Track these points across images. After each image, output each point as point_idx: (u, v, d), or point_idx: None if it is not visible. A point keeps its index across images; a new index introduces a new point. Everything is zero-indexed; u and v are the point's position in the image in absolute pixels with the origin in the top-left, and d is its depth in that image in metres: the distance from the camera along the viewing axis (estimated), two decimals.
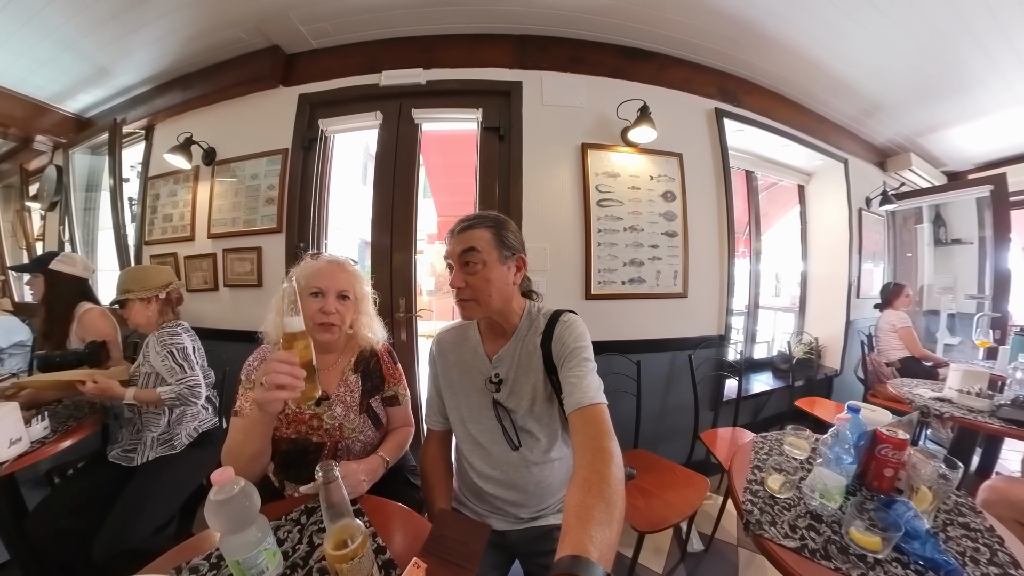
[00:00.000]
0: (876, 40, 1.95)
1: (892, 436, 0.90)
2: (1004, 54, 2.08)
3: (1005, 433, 1.40)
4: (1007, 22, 1.82)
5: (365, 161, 6.56)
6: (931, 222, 3.51)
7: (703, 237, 2.12)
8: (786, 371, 2.54)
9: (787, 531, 0.77)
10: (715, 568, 1.50)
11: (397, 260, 1.90)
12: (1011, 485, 1.17)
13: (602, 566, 0.40)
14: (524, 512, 0.89)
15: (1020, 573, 0.67)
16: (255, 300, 1.93)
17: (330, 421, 0.93)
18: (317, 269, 0.93)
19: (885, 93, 2.48)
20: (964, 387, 1.57)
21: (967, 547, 0.74)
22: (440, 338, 0.98)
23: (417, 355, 1.97)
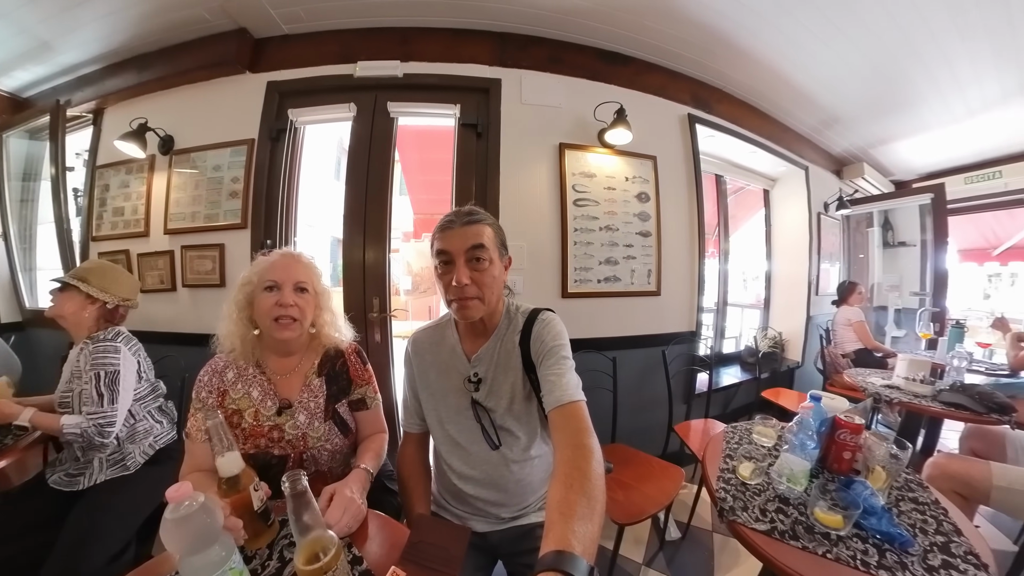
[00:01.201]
0: (835, 57, 2.09)
1: (849, 421, 0.95)
2: (945, 77, 2.29)
3: (945, 415, 1.54)
4: (948, 48, 2.01)
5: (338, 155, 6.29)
6: (880, 226, 3.81)
7: (675, 237, 2.19)
8: (753, 364, 2.69)
9: (758, 515, 0.80)
10: (692, 554, 1.56)
11: (371, 258, 1.84)
12: (950, 461, 1.29)
13: (585, 559, 0.40)
14: (505, 512, 0.88)
15: (962, 539, 0.73)
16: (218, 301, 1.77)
17: (292, 431, 0.86)
18: (270, 263, 0.87)
19: (842, 106, 2.67)
20: (910, 375, 1.70)
21: (917, 519, 0.80)
22: (416, 338, 0.95)
23: (392, 356, 1.91)
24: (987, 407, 1.44)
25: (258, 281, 0.85)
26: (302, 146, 1.95)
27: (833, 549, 0.71)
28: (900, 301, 3.54)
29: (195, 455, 0.82)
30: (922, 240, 3.40)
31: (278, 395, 0.88)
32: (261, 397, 0.87)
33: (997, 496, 1.16)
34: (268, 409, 0.86)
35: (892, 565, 0.67)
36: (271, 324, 0.83)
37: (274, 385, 0.88)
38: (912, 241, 3.62)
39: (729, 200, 3.18)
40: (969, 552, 0.70)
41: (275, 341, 0.87)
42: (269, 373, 0.89)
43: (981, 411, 1.44)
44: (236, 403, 0.86)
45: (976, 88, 2.42)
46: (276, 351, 0.91)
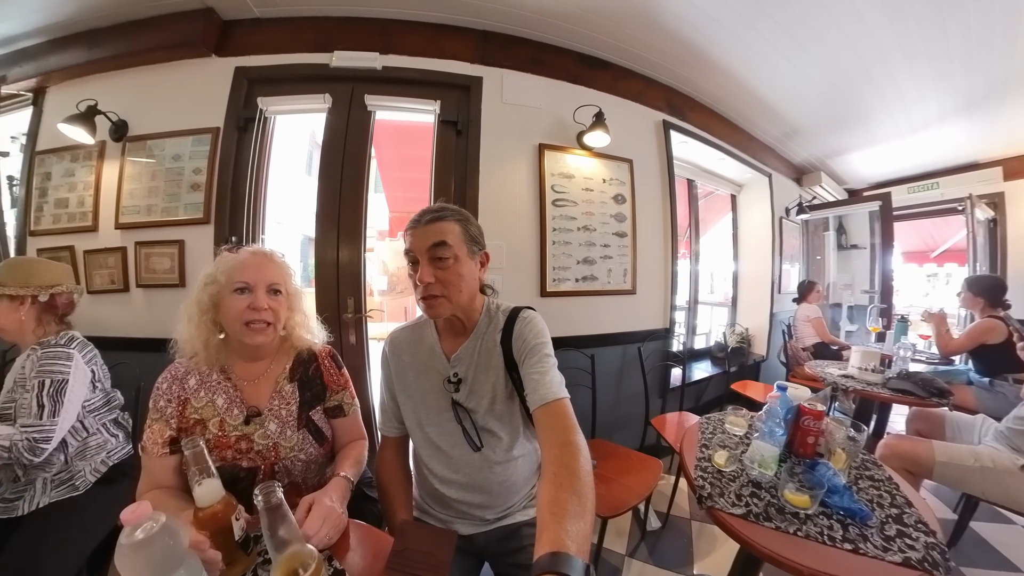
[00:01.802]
0: (797, 73, 2.25)
1: (812, 409, 1.01)
2: (893, 96, 2.52)
3: (893, 400, 1.70)
4: (896, 71, 2.21)
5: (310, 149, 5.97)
6: (835, 230, 4.10)
7: (650, 238, 2.26)
8: (722, 359, 2.81)
9: (734, 500, 0.84)
10: (672, 542, 1.61)
11: (345, 257, 1.77)
12: (899, 441, 1.44)
13: (580, 558, 0.40)
14: (490, 513, 0.86)
15: (912, 511, 0.81)
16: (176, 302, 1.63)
17: (262, 441, 0.80)
18: (240, 262, 0.80)
19: (802, 119, 2.87)
20: (862, 365, 1.87)
21: (874, 495, 0.88)
22: (394, 338, 0.92)
23: (368, 359, 1.86)
24: (929, 392, 1.60)
25: (226, 281, 0.78)
26: (272, 137, 1.85)
27: (803, 527, 0.75)
28: (852, 299, 3.84)
29: (154, 472, 0.75)
30: (871, 243, 3.70)
31: (245, 403, 0.82)
32: (227, 405, 0.81)
33: (939, 471, 1.31)
34: (235, 418, 0.80)
35: (855, 538, 0.72)
36: (242, 329, 0.77)
37: (241, 392, 0.83)
38: (863, 244, 3.93)
39: (699, 204, 3.33)
40: (919, 521, 0.77)
41: (243, 345, 0.81)
42: (235, 379, 0.83)
43: (924, 396, 1.60)
44: (199, 412, 0.79)
45: (919, 108, 2.67)
46: (244, 355, 0.85)
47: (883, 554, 0.68)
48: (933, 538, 0.72)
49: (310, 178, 5.82)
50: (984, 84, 2.35)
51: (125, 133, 1.79)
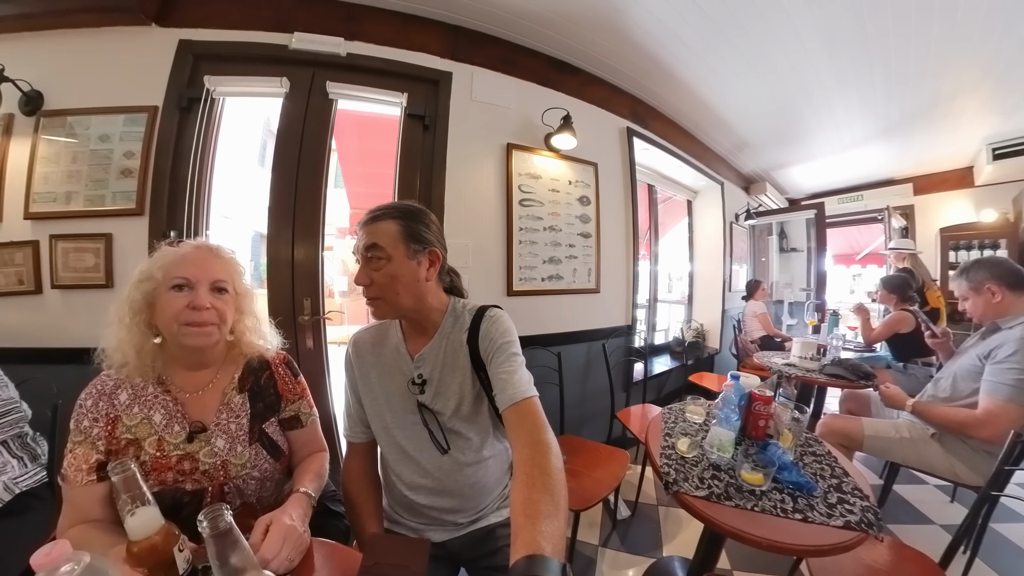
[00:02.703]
0: (748, 92, 2.48)
1: (762, 395, 1.10)
2: (827, 119, 2.87)
3: (829, 384, 1.92)
4: (831, 96, 2.53)
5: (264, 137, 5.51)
6: (778, 235, 4.49)
7: (613, 239, 2.34)
8: (680, 353, 3.02)
9: (697, 483, 0.88)
10: (642, 528, 1.67)
11: (301, 256, 1.66)
12: (834, 420, 1.63)
13: (556, 558, 0.40)
14: (462, 517, 0.84)
15: (849, 480, 0.91)
16: (103, 306, 1.41)
17: (209, 459, 0.73)
18: (180, 256, 0.73)
19: (751, 134, 3.16)
20: (802, 354, 2.09)
21: (816, 469, 0.97)
22: (357, 339, 0.89)
23: (327, 365, 1.75)
24: (857, 376, 1.84)
25: (163, 277, 0.70)
26: (220, 121, 1.68)
27: (759, 503, 0.81)
28: (792, 296, 4.25)
29: (78, 504, 0.65)
30: (808, 247, 4.11)
31: (188, 417, 0.74)
32: (166, 421, 0.72)
33: (868, 443, 1.50)
34: (175, 435, 0.72)
35: (803, 508, 0.79)
36: (180, 330, 0.69)
37: (183, 406, 0.74)
38: (800, 247, 4.35)
39: (659, 208, 3.52)
40: (855, 488, 0.86)
41: (184, 351, 0.73)
42: (175, 391, 0.75)
43: (853, 379, 1.83)
44: (132, 431, 0.70)
45: (848, 130, 3.05)
46: (185, 364, 0.76)
47: (828, 520, 0.75)
48: (867, 502, 0.81)
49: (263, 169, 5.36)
50: (900, 113, 2.74)
51: (40, 106, 1.53)
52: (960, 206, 3.80)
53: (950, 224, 3.76)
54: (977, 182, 3.65)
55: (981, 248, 3.53)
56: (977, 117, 2.85)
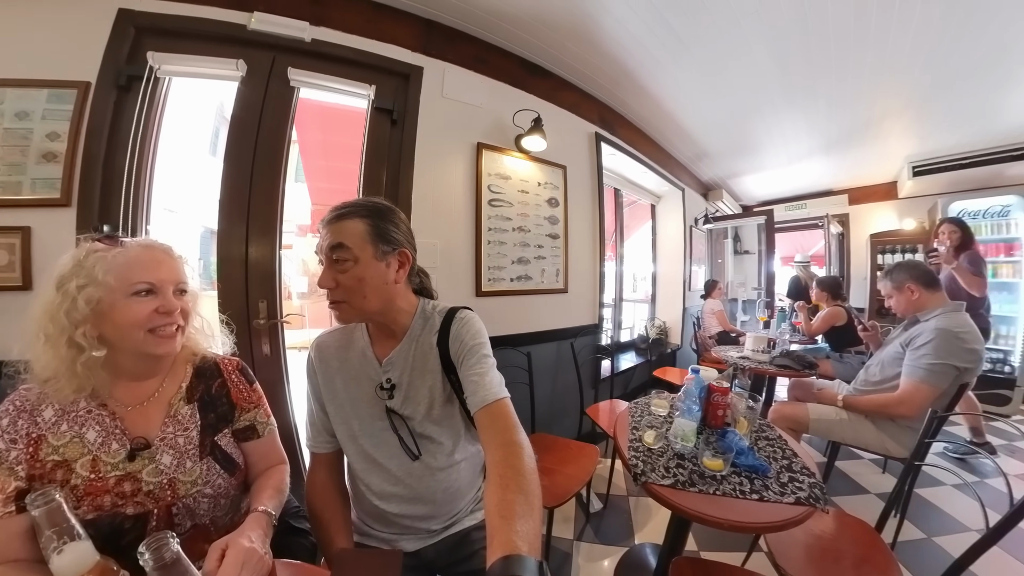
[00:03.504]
0: (708, 105, 2.65)
1: (719, 386, 1.17)
2: (777, 134, 3.15)
3: (778, 374, 2.12)
4: (781, 114, 2.78)
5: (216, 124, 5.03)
6: (732, 238, 4.81)
7: (580, 240, 2.39)
8: (645, 349, 3.14)
9: (663, 473, 0.92)
10: (614, 519, 1.72)
11: (256, 254, 1.54)
12: (784, 407, 1.78)
13: (532, 556, 0.41)
14: (436, 524, 0.82)
15: (798, 460, 0.99)
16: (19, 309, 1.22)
17: (153, 479, 0.66)
18: (134, 258, 0.66)
19: (710, 144, 3.39)
20: (754, 348, 2.28)
21: (770, 452, 1.05)
22: (320, 343, 0.85)
23: (286, 371, 1.64)
24: (802, 365, 2.05)
25: (119, 283, 0.63)
26: (164, 103, 1.52)
27: (720, 487, 0.86)
28: (745, 294, 4.58)
29: None
30: (759, 250, 4.45)
31: (128, 433, 0.67)
32: (102, 439, 0.65)
33: (813, 426, 1.67)
34: (114, 454, 0.65)
35: (759, 488, 0.85)
36: (146, 338, 0.64)
37: (122, 421, 0.67)
38: (752, 250, 4.70)
39: (624, 211, 3.65)
40: (803, 468, 0.94)
41: (137, 360, 0.68)
42: (114, 405, 0.68)
43: (798, 368, 2.04)
44: (60, 452, 0.62)
45: (795, 144, 3.36)
46: (133, 374, 0.70)
47: (781, 498, 0.81)
48: (814, 479, 0.89)
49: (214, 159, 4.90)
50: (838, 132, 3.06)
51: None
52: (886, 216, 4.27)
53: (878, 231, 4.20)
54: (900, 195, 4.12)
55: (903, 252, 3.96)
56: (901, 139, 3.24)
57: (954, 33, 1.82)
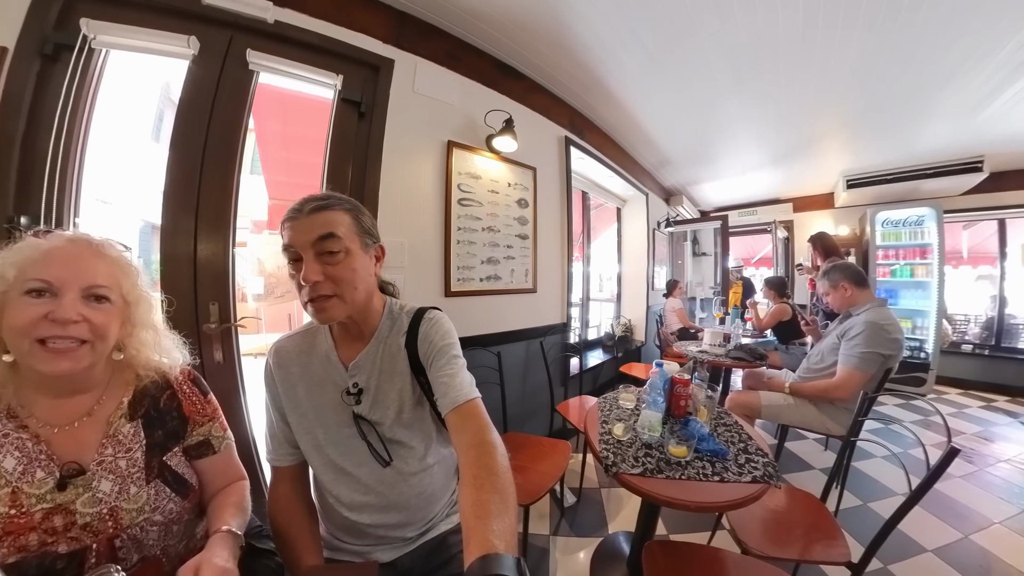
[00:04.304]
0: (672, 116, 2.82)
1: (681, 379, 1.24)
2: (732, 146, 3.41)
3: (733, 365, 2.29)
4: (737, 128, 3.01)
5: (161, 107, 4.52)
6: (691, 241, 5.11)
7: (549, 241, 2.43)
8: (611, 346, 3.28)
9: (633, 463, 0.96)
10: (589, 511, 1.76)
11: (206, 252, 1.41)
12: (738, 395, 1.92)
13: (509, 554, 0.41)
14: (411, 531, 0.79)
15: (753, 443, 1.07)
16: None
17: (90, 509, 0.58)
18: (44, 252, 0.57)
19: (672, 153, 3.59)
20: (712, 342, 2.46)
21: (728, 437, 1.12)
22: (279, 348, 0.79)
23: (241, 379, 1.51)
24: (753, 357, 2.24)
25: (16, 277, 0.54)
26: (99, 79, 1.34)
27: (685, 472, 0.91)
28: (702, 293, 4.90)
29: None
30: (715, 252, 4.78)
31: (57, 459, 0.58)
32: (23, 467, 0.56)
33: (765, 412, 1.83)
34: (39, 484, 0.56)
35: (720, 471, 0.92)
36: (32, 349, 0.53)
37: (48, 444, 0.58)
38: (709, 252, 5.02)
39: (591, 214, 3.77)
40: (758, 449, 1.03)
41: (41, 375, 0.57)
42: (36, 426, 0.58)
43: (751, 360, 2.23)
44: None
45: (748, 157, 3.67)
46: (49, 390, 0.60)
47: (739, 478, 0.88)
48: (767, 459, 0.97)
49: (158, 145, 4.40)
50: (785, 147, 3.39)
51: None
52: (825, 222, 4.73)
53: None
54: (836, 204, 4.61)
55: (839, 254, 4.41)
56: (838, 155, 3.63)
57: (882, 68, 2.08)
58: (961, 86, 2.27)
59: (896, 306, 3.70)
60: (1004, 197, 3.67)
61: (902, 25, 1.73)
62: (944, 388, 3.77)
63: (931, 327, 3.61)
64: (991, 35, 1.79)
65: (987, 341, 3.93)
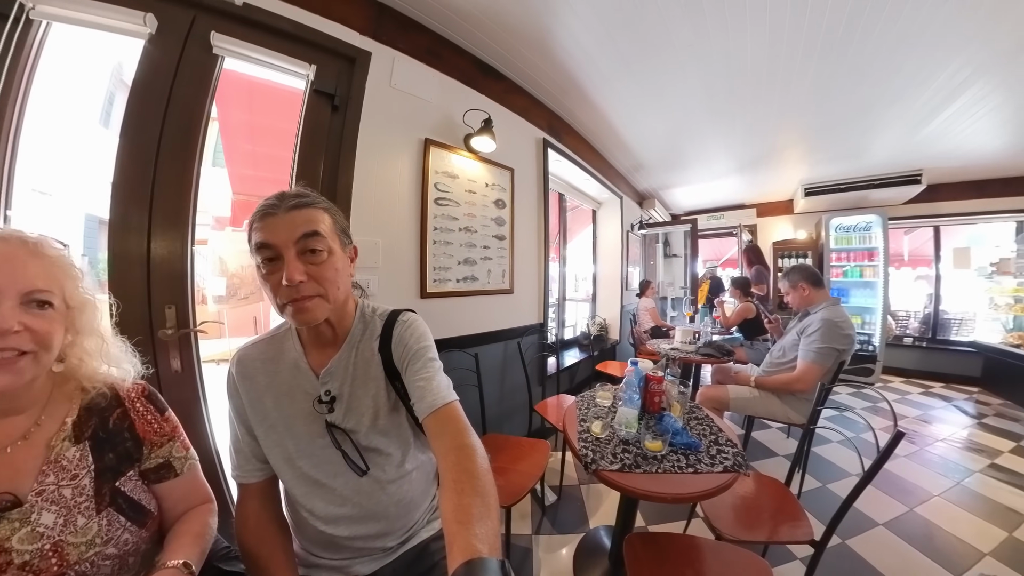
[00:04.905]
0: (646, 122, 2.91)
1: (655, 375, 1.28)
2: (702, 153, 3.59)
3: (703, 362, 2.41)
4: (707, 138, 3.19)
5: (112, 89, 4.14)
6: (663, 243, 5.32)
7: (526, 242, 2.44)
8: (587, 345, 3.35)
9: (611, 459, 0.98)
10: (569, 509, 1.78)
11: (161, 251, 1.30)
12: (708, 389, 2.04)
13: (493, 556, 0.41)
14: (392, 540, 0.76)
15: (723, 434, 1.13)
16: None
17: (29, 546, 0.51)
18: None
19: (646, 158, 3.72)
20: (683, 340, 2.57)
21: (700, 430, 1.17)
22: (243, 357, 0.75)
23: (202, 390, 1.40)
24: (721, 353, 2.35)
25: None
26: (38, 54, 1.20)
27: (661, 465, 0.94)
28: (673, 292, 5.11)
29: None
30: (685, 253, 5.01)
31: None
32: None
33: (732, 404, 1.95)
34: None
35: (694, 463, 0.95)
36: None
37: None
38: (680, 254, 5.26)
39: (567, 215, 3.82)
40: (727, 440, 1.07)
41: None
42: None
43: (719, 356, 2.34)
44: None
45: (716, 164, 3.87)
46: None
47: (712, 468, 0.92)
48: (736, 448, 1.02)
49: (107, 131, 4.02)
50: (751, 156, 3.61)
51: None
52: (785, 227, 5.12)
53: (779, 239, 5.04)
54: (796, 211, 4.96)
55: (797, 257, 4.75)
56: (797, 165, 3.91)
57: (837, 89, 2.29)
58: (905, 107, 2.51)
59: (848, 304, 4.02)
60: (939, 206, 4.13)
61: (854, 52, 1.90)
62: (889, 377, 4.16)
63: (878, 323, 3.98)
64: (931, 62, 2.00)
65: (924, 334, 4.40)
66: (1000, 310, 3.71)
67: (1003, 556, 1.45)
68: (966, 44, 1.84)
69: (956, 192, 4.01)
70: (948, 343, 4.19)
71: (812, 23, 1.71)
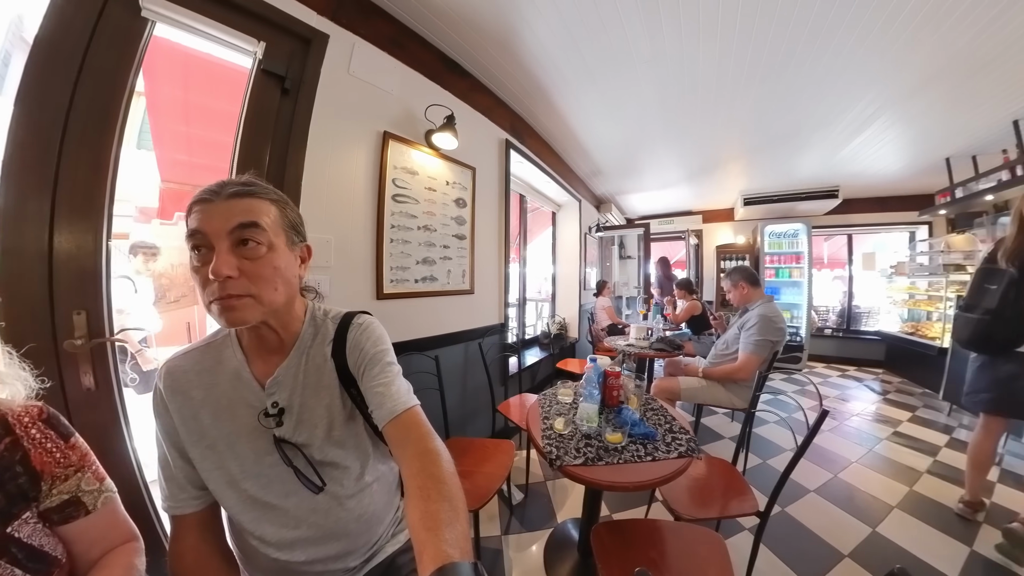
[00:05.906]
0: (605, 130, 3.05)
1: (613, 371, 1.33)
2: (655, 163, 3.84)
3: (656, 356, 2.57)
4: (660, 148, 3.42)
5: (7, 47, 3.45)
6: (618, 245, 5.57)
7: (486, 242, 2.43)
8: (548, 344, 3.43)
9: (575, 454, 1.00)
10: (537, 506, 1.80)
11: (67, 245, 1.09)
12: (662, 382, 2.19)
13: (466, 560, 0.40)
14: (355, 559, 0.71)
15: (676, 423, 1.21)
16: None
17: None
18: None
19: (604, 163, 3.89)
20: (637, 336, 2.73)
21: (656, 420, 1.23)
22: (172, 368, 0.66)
23: (123, 409, 1.19)
24: (672, 347, 2.54)
25: None
26: None
27: (622, 456, 0.98)
28: (628, 292, 5.38)
29: None
30: (638, 255, 5.26)
31: None
32: None
33: (683, 395, 2.12)
34: None
35: (652, 451, 1.00)
36: None
37: None
38: (633, 255, 5.53)
39: (528, 216, 3.87)
40: (681, 428, 1.15)
41: None
42: None
43: (671, 350, 2.53)
44: None
45: (667, 172, 4.16)
46: None
47: (668, 455, 0.97)
48: (689, 435, 1.10)
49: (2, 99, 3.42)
50: (698, 166, 3.93)
51: None
52: (727, 232, 5.64)
53: (722, 243, 5.56)
54: (736, 218, 5.52)
55: (737, 259, 5.26)
56: (738, 177, 4.32)
57: (773, 111, 2.59)
58: (827, 132, 2.91)
59: (780, 301, 4.51)
60: (852, 218, 4.89)
61: (790, 77, 2.15)
62: (813, 363, 4.80)
63: (804, 316, 4.58)
64: (847, 96, 2.35)
65: (840, 325, 5.17)
66: (898, 305, 4.41)
67: (907, 507, 1.75)
68: (874, 83, 2.18)
69: (865, 206, 4.75)
70: (859, 333, 4.92)
71: (756, 49, 1.90)
